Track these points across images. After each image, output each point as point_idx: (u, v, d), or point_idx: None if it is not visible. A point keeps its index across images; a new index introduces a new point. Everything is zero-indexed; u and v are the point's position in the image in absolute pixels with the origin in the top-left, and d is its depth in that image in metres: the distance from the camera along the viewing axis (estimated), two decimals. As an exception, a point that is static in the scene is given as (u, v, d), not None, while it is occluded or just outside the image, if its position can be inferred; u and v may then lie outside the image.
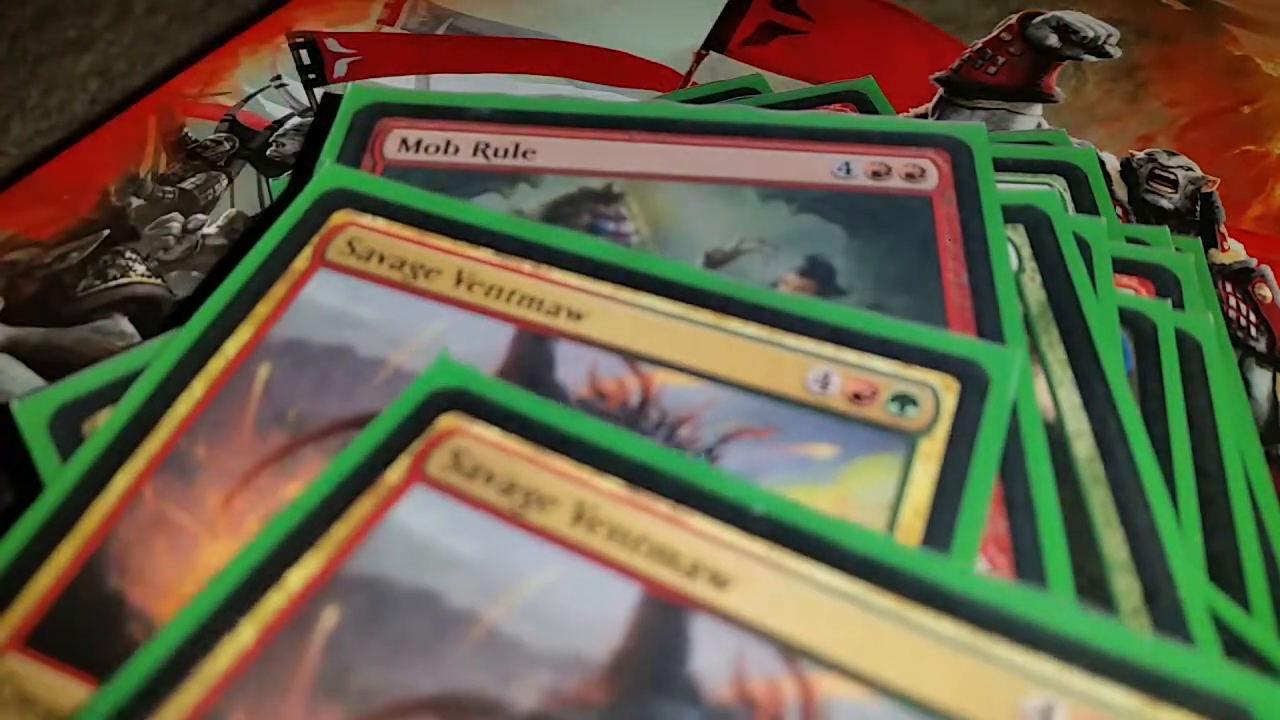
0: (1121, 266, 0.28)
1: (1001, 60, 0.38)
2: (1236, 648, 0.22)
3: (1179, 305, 0.27)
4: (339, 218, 0.26)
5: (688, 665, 0.19)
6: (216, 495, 0.22)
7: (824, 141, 0.29)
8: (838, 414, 0.23)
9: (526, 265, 0.25)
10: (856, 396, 0.23)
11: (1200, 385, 0.26)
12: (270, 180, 0.33)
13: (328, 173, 0.27)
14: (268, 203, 0.33)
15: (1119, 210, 0.33)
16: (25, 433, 0.23)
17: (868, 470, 0.22)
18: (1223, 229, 0.34)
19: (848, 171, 0.28)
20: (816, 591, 0.20)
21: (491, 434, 0.22)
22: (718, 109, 0.30)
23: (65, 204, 0.33)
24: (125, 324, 0.30)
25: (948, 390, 0.23)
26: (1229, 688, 0.19)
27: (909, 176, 0.28)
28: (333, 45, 0.37)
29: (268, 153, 0.34)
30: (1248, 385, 0.30)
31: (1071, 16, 0.40)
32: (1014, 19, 0.39)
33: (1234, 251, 0.33)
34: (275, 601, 0.20)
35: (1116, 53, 0.39)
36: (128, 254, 0.32)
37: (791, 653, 0.19)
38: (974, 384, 0.23)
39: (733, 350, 0.24)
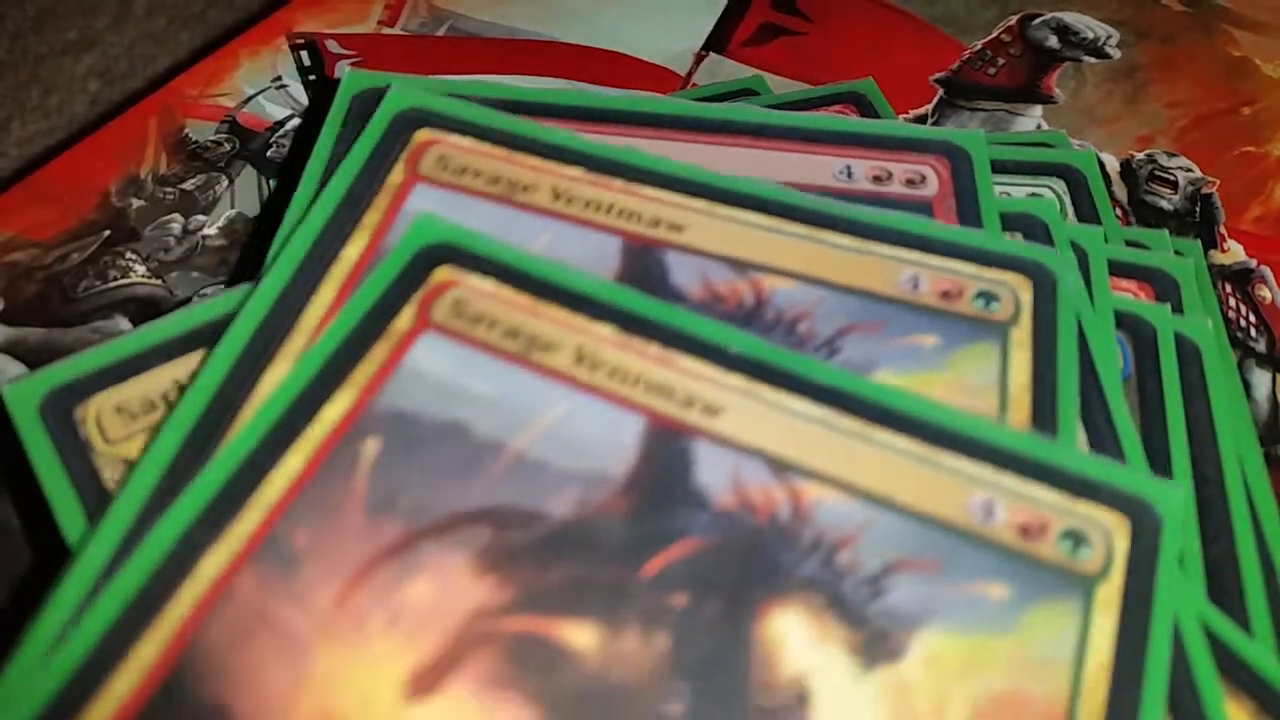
0: (1121, 270, 0.28)
1: (1001, 61, 0.38)
2: (1233, 667, 0.22)
3: (1178, 309, 0.27)
4: (422, 135, 0.27)
5: (693, 480, 0.22)
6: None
7: (825, 144, 0.29)
8: (932, 310, 0.25)
9: (618, 183, 0.27)
10: (945, 294, 0.25)
11: (1199, 390, 0.26)
12: (271, 181, 0.33)
13: (397, 93, 0.28)
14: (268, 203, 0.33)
15: (1119, 211, 0.33)
16: (16, 418, 0.23)
17: (971, 357, 0.25)
18: (1222, 230, 0.34)
19: (849, 175, 0.28)
20: (792, 417, 0.23)
21: (487, 285, 0.24)
22: (721, 107, 0.30)
23: (65, 205, 0.33)
24: (125, 324, 0.30)
25: (1023, 289, 0.25)
26: (1133, 486, 0.22)
27: (909, 183, 0.28)
28: (333, 46, 0.37)
29: (268, 154, 0.34)
30: (1247, 387, 0.30)
31: (1071, 18, 0.40)
32: (1014, 20, 0.39)
33: (1234, 252, 0.33)
34: (316, 433, 0.22)
35: (1116, 54, 0.39)
36: (128, 255, 0.32)
37: (779, 466, 0.22)
38: (1044, 281, 0.26)
39: (828, 257, 0.26)
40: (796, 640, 0.21)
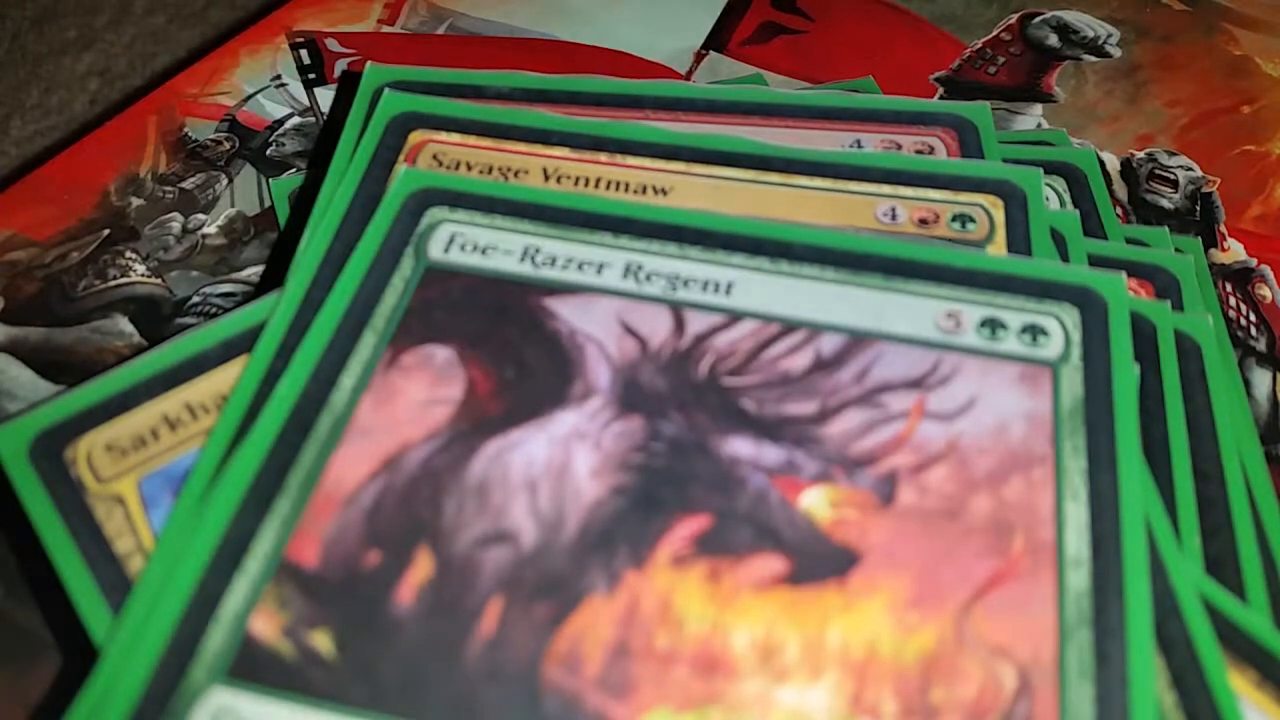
0: (1121, 268, 0.28)
1: (1001, 60, 0.38)
2: (1234, 637, 0.22)
3: (1178, 306, 0.27)
4: (416, 137, 0.29)
5: None
6: None
7: (835, 120, 0.30)
8: (913, 236, 0.27)
9: (603, 156, 0.29)
10: (923, 221, 0.28)
11: (1199, 387, 0.26)
12: (270, 180, 0.33)
13: (389, 99, 0.30)
14: (268, 203, 0.33)
15: (1119, 210, 0.33)
16: (6, 463, 0.23)
17: None
18: (1223, 229, 0.34)
19: (859, 147, 0.30)
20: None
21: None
22: (732, 89, 0.31)
23: (65, 204, 0.33)
24: (125, 324, 0.30)
25: (995, 207, 0.28)
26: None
27: (919, 155, 0.29)
28: (333, 45, 0.37)
29: (268, 152, 0.34)
30: (1248, 385, 0.30)
31: (1071, 16, 0.40)
32: (1014, 19, 0.39)
33: (1234, 251, 0.33)
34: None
35: (1116, 53, 0.39)
36: (128, 254, 0.32)
37: None
38: (1014, 197, 0.28)
39: (808, 201, 0.28)
40: None
